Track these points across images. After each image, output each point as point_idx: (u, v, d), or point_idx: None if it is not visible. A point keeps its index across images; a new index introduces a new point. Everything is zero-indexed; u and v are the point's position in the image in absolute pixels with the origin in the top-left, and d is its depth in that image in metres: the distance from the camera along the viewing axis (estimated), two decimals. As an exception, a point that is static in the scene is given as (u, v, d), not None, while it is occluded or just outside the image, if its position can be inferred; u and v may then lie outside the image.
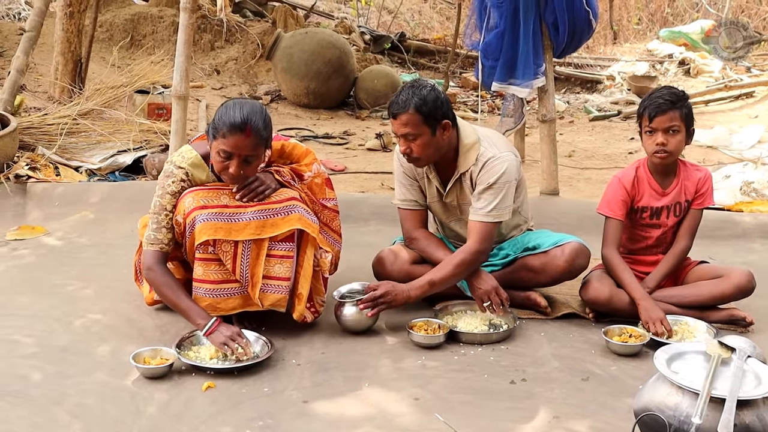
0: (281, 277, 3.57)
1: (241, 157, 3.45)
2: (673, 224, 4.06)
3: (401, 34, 13.24)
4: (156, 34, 11.08)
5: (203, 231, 3.46)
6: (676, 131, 3.88)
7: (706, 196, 4.05)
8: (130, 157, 6.71)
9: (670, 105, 3.86)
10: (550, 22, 5.89)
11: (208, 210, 3.50)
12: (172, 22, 10.81)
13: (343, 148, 8.45)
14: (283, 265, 3.57)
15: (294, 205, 3.58)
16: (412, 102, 3.72)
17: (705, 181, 4.05)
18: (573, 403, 3.13)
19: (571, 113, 10.90)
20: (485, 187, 3.85)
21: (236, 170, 3.45)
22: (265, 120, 3.50)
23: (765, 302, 4.16)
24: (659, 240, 4.09)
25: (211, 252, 3.53)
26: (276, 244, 3.55)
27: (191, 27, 5.90)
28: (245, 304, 3.62)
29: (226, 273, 3.55)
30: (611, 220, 4.02)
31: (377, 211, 5.70)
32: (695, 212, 4.06)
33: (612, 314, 3.94)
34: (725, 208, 5.97)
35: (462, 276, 3.90)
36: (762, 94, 11.17)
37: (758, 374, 2.67)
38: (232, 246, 3.51)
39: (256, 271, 3.54)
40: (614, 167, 7.65)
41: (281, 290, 3.58)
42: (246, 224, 3.50)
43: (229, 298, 3.59)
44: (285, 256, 3.57)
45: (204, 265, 3.55)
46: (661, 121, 3.87)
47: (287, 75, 10.15)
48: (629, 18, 16.58)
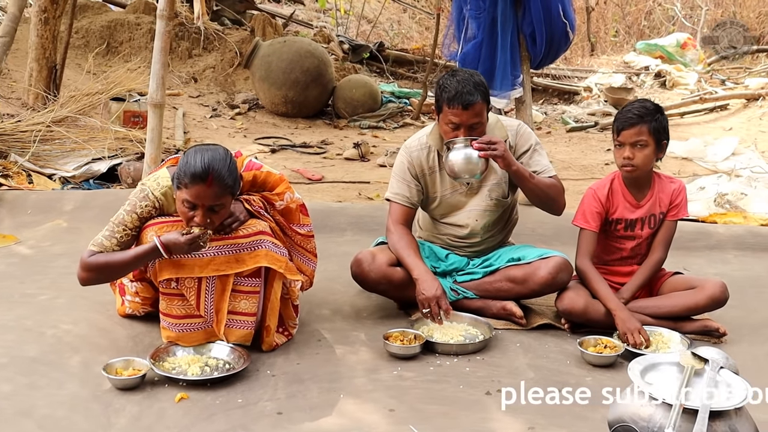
0: (247, 312, 3.52)
1: (205, 207, 3.33)
2: (648, 236, 4.08)
3: (380, 43, 13.26)
4: (133, 41, 11.02)
5: (165, 269, 3.41)
6: (643, 145, 3.89)
7: (681, 207, 4.07)
8: (105, 165, 6.66)
9: (638, 119, 3.88)
10: (527, 34, 5.92)
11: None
12: (149, 30, 10.76)
13: (321, 158, 8.44)
14: (249, 300, 3.52)
15: (262, 240, 3.51)
16: (478, 93, 3.85)
17: (679, 193, 4.07)
18: (548, 414, 3.12)
19: (548, 124, 10.95)
20: (530, 149, 4.12)
21: (202, 220, 3.34)
22: (229, 167, 3.36)
23: (738, 313, 4.18)
24: (633, 251, 4.10)
25: (174, 287, 3.48)
26: (242, 280, 3.50)
27: (168, 34, 5.87)
28: (208, 337, 3.55)
29: (189, 308, 3.49)
30: (585, 231, 4.03)
31: (354, 221, 5.69)
32: (670, 224, 4.08)
33: (587, 325, 3.95)
34: (699, 220, 6.01)
35: (547, 193, 4.04)
36: (736, 106, 11.28)
37: (731, 385, 2.68)
38: (195, 282, 3.45)
39: (221, 307, 3.48)
40: (591, 178, 7.69)
41: (247, 326, 3.53)
42: (210, 259, 3.43)
43: (192, 333, 3.53)
44: (251, 291, 3.52)
45: (167, 299, 3.50)
46: (628, 135, 3.89)
47: (265, 83, 10.13)
48: (606, 30, 16.70)
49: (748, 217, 6.14)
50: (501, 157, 3.85)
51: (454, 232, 4.22)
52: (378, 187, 6.99)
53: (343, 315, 4.13)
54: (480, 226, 4.16)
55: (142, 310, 3.81)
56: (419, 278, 3.87)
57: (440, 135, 4.05)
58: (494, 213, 4.17)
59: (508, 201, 4.20)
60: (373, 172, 7.81)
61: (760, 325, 4.15)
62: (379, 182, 7.16)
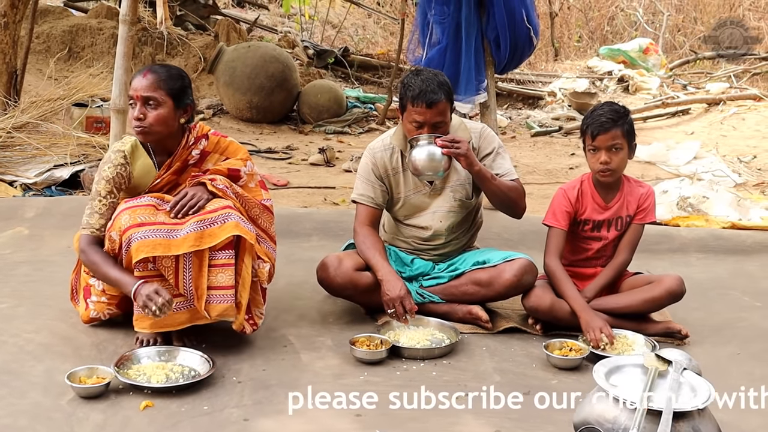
0: (225, 285, 3.53)
1: (140, 99, 3.59)
2: (614, 238, 4.11)
3: (345, 48, 13.25)
4: (95, 46, 10.94)
5: (140, 249, 3.42)
6: (618, 149, 3.93)
7: (648, 211, 4.11)
8: (67, 172, 6.60)
9: (612, 123, 3.91)
10: (491, 39, 5.96)
11: (145, 227, 3.46)
12: (112, 35, 10.67)
13: (286, 163, 8.41)
14: (225, 273, 3.54)
15: (229, 213, 3.55)
16: (442, 92, 3.87)
17: (647, 197, 4.11)
18: (514, 417, 3.14)
19: (513, 129, 11.00)
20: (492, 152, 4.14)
21: (137, 113, 3.60)
22: (170, 71, 3.70)
23: (701, 315, 4.23)
24: (599, 252, 4.14)
25: (151, 269, 3.49)
26: (216, 253, 3.52)
27: (131, 39, 5.83)
28: (193, 318, 3.57)
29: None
30: (554, 229, 4.06)
31: (320, 226, 5.68)
32: (636, 227, 4.12)
33: (553, 323, 3.98)
34: (662, 223, 6.06)
35: (508, 195, 4.07)
36: (697, 111, 11.42)
37: (694, 386, 2.71)
38: (173, 261, 3.47)
39: (200, 283, 3.49)
40: (555, 182, 7.74)
41: (227, 299, 3.54)
42: (184, 238, 3.46)
43: (175, 314, 3.53)
44: (226, 264, 3.54)
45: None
46: (604, 139, 3.92)
47: (229, 89, 10.09)
48: (570, 35, 16.83)
49: (710, 220, 6.20)
50: (464, 155, 3.86)
51: (418, 234, 4.22)
52: (343, 192, 6.98)
53: (309, 320, 4.12)
54: (444, 227, 4.17)
55: (107, 312, 3.77)
56: (384, 279, 3.88)
57: (404, 135, 4.07)
58: (458, 214, 4.19)
59: (472, 202, 4.21)
60: (338, 177, 7.80)
61: (722, 327, 4.20)
62: (344, 187, 7.15)
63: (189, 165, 3.81)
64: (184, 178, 3.80)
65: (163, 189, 3.78)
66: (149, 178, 3.76)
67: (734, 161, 8.70)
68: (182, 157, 3.77)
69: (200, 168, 3.83)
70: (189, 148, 3.79)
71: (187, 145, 3.78)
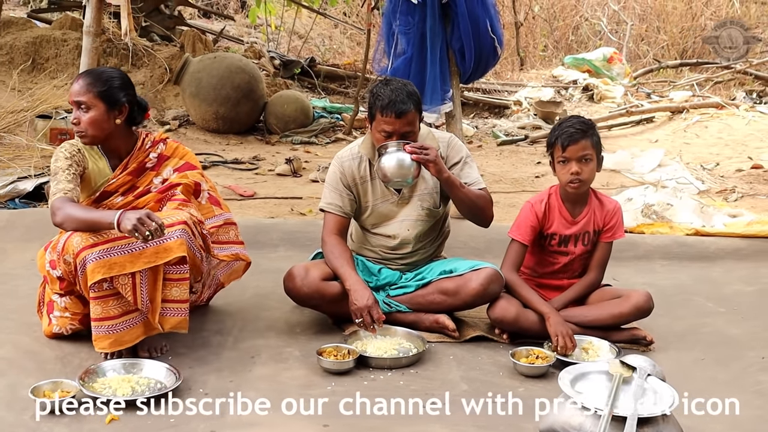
0: (179, 299, 3.58)
1: (74, 104, 3.65)
2: (581, 252, 4.13)
3: (311, 59, 13.24)
4: (59, 57, 10.83)
5: (97, 270, 3.40)
6: (588, 159, 3.95)
7: (616, 229, 4.13)
8: (31, 184, 6.53)
9: (582, 134, 3.93)
10: (456, 49, 5.98)
11: (99, 247, 3.43)
12: (76, 46, 10.57)
13: (253, 174, 8.38)
14: (180, 287, 3.58)
15: (183, 230, 3.56)
16: (411, 102, 3.93)
17: (614, 214, 4.12)
18: (482, 425, 3.15)
19: (479, 138, 11.05)
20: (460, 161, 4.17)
21: (72, 118, 3.68)
22: (101, 74, 3.74)
23: (665, 321, 4.27)
24: (566, 267, 4.16)
25: (107, 288, 3.47)
26: (171, 268, 3.56)
27: (96, 51, 5.80)
28: (147, 330, 3.58)
29: (125, 305, 3.49)
30: (516, 242, 4.08)
31: (286, 236, 5.67)
32: (605, 245, 4.15)
33: (519, 333, 3.99)
34: (628, 230, 6.10)
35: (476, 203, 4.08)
36: (661, 119, 11.54)
37: (658, 392, 2.74)
38: (129, 278, 3.46)
39: (155, 296, 3.51)
40: (522, 191, 7.78)
41: (181, 312, 3.58)
42: (140, 253, 3.46)
43: (131, 329, 3.54)
44: (181, 279, 3.59)
45: (101, 303, 3.48)
46: (575, 150, 3.92)
47: (195, 100, 10.05)
48: (535, 45, 16.93)
49: (674, 227, 6.26)
50: (433, 162, 3.88)
51: (386, 243, 4.23)
52: (310, 202, 6.98)
53: (276, 331, 4.11)
54: (412, 236, 4.19)
55: (69, 327, 3.74)
56: (351, 288, 3.89)
57: (372, 144, 4.09)
58: (426, 223, 4.20)
59: (439, 211, 4.23)
60: (305, 187, 7.79)
61: (685, 333, 4.24)
62: (311, 197, 7.14)
63: (146, 168, 3.84)
64: (142, 181, 3.84)
65: (118, 190, 3.79)
66: (103, 177, 3.78)
67: (697, 169, 8.80)
68: (138, 158, 3.81)
69: (158, 171, 3.86)
70: (146, 151, 3.83)
71: (144, 148, 3.83)
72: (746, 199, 7.56)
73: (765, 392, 3.52)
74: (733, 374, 3.73)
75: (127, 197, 3.80)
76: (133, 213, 3.38)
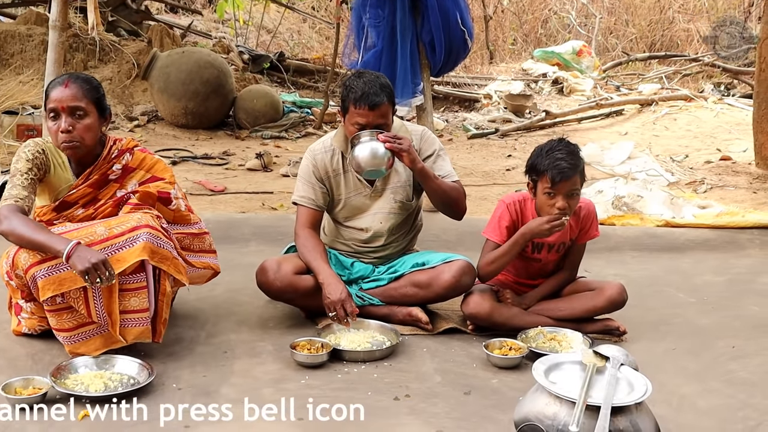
0: (139, 309, 3.48)
1: (66, 109, 3.52)
2: (555, 258, 4.13)
3: (280, 53, 13.20)
4: (24, 53, 10.72)
5: (47, 287, 3.34)
6: (577, 194, 3.88)
7: (590, 230, 4.12)
8: (-1, 180, 6.46)
9: (573, 170, 3.79)
10: (427, 42, 5.99)
11: (47, 264, 3.35)
12: (42, 41, 10.47)
13: (223, 169, 8.36)
14: (138, 297, 3.47)
15: (137, 236, 3.45)
16: (384, 94, 3.93)
17: (588, 218, 4.10)
18: (456, 417, 3.15)
19: (449, 131, 11.07)
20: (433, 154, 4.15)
21: (66, 125, 3.51)
22: (88, 80, 3.67)
23: (637, 312, 4.29)
24: (540, 270, 4.15)
25: (60, 302, 3.41)
26: (127, 278, 3.45)
27: (62, 46, 5.74)
28: (108, 342, 3.48)
29: (79, 318, 3.43)
30: (490, 242, 4.05)
31: (258, 231, 5.65)
32: (580, 247, 4.15)
33: (492, 328, 3.99)
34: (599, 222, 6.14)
35: (450, 195, 4.08)
36: (631, 112, 11.63)
37: (631, 381, 2.75)
38: (81, 291, 3.38)
39: (112, 309, 3.41)
40: (493, 184, 7.81)
41: (142, 322, 3.48)
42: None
43: (89, 340, 3.46)
44: (138, 288, 3.48)
45: (56, 315, 3.43)
46: (565, 186, 3.80)
47: (164, 95, 9.99)
48: (504, 38, 16.99)
49: (644, 219, 6.32)
50: (406, 151, 3.88)
51: (358, 236, 4.22)
52: (281, 197, 6.96)
53: (249, 326, 4.09)
54: (385, 229, 4.18)
55: (38, 328, 3.69)
56: (325, 282, 3.88)
57: (345, 137, 4.08)
58: (399, 216, 4.20)
59: (412, 204, 4.23)
60: (276, 182, 7.77)
61: (657, 323, 4.27)
62: (282, 192, 7.13)
63: (109, 180, 3.73)
64: (104, 194, 3.72)
65: (78, 202, 3.69)
66: (64, 185, 3.68)
67: (667, 161, 8.88)
68: (102, 169, 3.70)
69: (122, 184, 3.74)
70: (111, 162, 3.71)
71: (109, 158, 3.71)
72: (715, 191, 7.65)
73: (735, 381, 3.56)
74: (704, 363, 3.76)
75: (88, 210, 3.69)
76: (88, 252, 3.28)
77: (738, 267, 5.42)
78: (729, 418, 3.21)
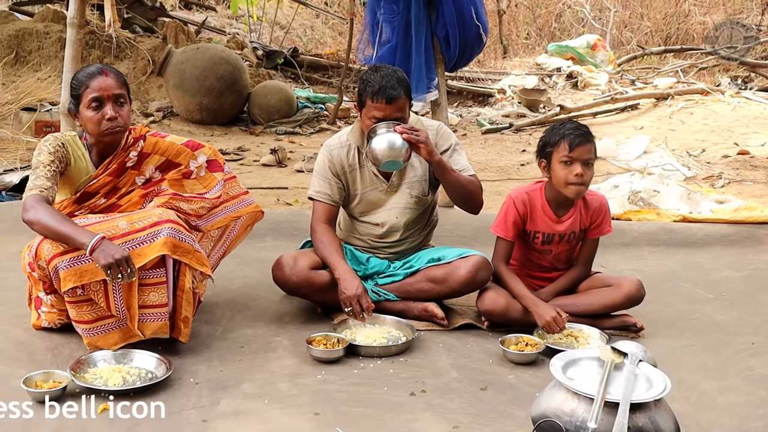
0: (158, 304, 3.51)
1: (111, 97, 3.60)
2: (567, 249, 4.12)
3: (294, 49, 13.21)
4: (42, 50, 10.77)
5: (68, 278, 3.36)
6: (591, 164, 3.89)
7: (603, 225, 4.10)
8: (18, 177, 6.49)
9: (588, 137, 3.86)
10: (441, 37, 5.97)
11: (69, 255, 3.38)
12: (59, 38, 10.52)
13: (238, 164, 8.37)
14: (158, 292, 3.51)
15: (158, 231, 3.49)
16: (401, 88, 3.93)
17: (600, 211, 4.09)
18: (472, 413, 3.15)
19: (464, 126, 11.06)
20: (450, 148, 4.16)
21: (114, 111, 3.59)
22: (117, 70, 3.75)
23: (654, 308, 4.28)
24: (552, 263, 4.14)
25: (80, 294, 3.44)
26: (147, 272, 3.49)
27: (79, 43, 5.76)
28: (126, 336, 3.51)
29: (99, 311, 3.46)
30: (501, 239, 4.05)
31: (273, 227, 5.65)
32: (592, 242, 4.13)
33: (508, 324, 3.99)
34: (614, 217, 6.12)
35: (467, 188, 4.09)
36: (646, 106, 11.57)
37: (649, 378, 2.74)
38: (101, 284, 3.42)
39: (131, 303, 3.45)
40: (507, 179, 7.80)
41: (161, 317, 3.52)
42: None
43: (108, 333, 3.49)
44: (158, 283, 3.52)
45: (76, 307, 3.46)
46: (582, 151, 3.83)
47: (179, 91, 10.01)
48: (518, 33, 16.95)
49: (660, 214, 6.29)
50: (424, 143, 3.87)
51: (374, 231, 4.23)
52: (296, 192, 6.96)
53: (265, 320, 4.10)
54: (401, 224, 4.18)
55: (58, 322, 3.72)
56: (341, 277, 3.88)
57: (361, 131, 4.08)
58: (415, 211, 4.20)
59: (428, 199, 4.22)
60: (290, 177, 7.78)
61: (675, 319, 4.25)
62: (297, 188, 7.13)
63: (127, 168, 3.78)
64: (124, 182, 3.78)
65: (99, 191, 3.74)
66: (84, 176, 3.73)
67: (683, 155, 8.84)
68: (120, 158, 3.75)
69: (140, 171, 3.81)
70: (127, 150, 3.77)
71: (126, 146, 3.77)
72: (733, 185, 7.61)
73: (755, 378, 3.53)
74: (723, 360, 3.73)
75: (110, 199, 3.74)
76: (112, 248, 3.32)
77: (757, 262, 5.37)
78: (749, 415, 3.19)
